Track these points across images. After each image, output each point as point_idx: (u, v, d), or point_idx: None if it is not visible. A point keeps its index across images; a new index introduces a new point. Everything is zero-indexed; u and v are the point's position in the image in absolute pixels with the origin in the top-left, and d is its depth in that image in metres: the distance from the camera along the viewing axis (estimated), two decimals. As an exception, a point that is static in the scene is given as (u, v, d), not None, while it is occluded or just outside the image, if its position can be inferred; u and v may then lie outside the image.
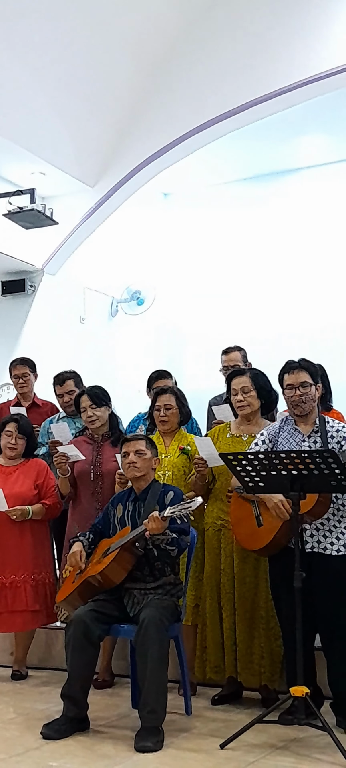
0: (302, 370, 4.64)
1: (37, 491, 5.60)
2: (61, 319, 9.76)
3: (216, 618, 4.96)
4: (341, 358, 8.41)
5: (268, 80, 7.95)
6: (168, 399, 5.33)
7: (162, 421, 5.31)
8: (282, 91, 7.90)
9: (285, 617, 4.54)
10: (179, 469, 5.20)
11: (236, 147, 9.46)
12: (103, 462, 5.46)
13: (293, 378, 4.63)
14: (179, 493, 4.79)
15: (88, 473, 5.46)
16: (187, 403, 5.42)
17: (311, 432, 4.62)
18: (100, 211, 9.07)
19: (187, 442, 5.28)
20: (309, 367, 4.68)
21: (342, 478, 4.14)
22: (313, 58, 7.79)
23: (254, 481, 4.32)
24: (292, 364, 4.70)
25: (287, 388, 4.65)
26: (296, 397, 4.61)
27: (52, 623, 5.71)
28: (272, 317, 10.06)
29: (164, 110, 8.60)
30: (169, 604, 4.60)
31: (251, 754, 4.05)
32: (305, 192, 10.25)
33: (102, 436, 5.56)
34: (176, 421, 5.35)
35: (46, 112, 8.14)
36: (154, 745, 4.14)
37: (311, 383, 4.62)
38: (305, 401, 4.60)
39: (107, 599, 4.63)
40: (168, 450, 5.28)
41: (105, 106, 8.59)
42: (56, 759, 4.09)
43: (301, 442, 4.59)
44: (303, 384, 4.60)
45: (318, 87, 7.83)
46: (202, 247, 10.73)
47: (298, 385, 4.61)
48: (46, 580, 5.58)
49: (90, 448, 5.52)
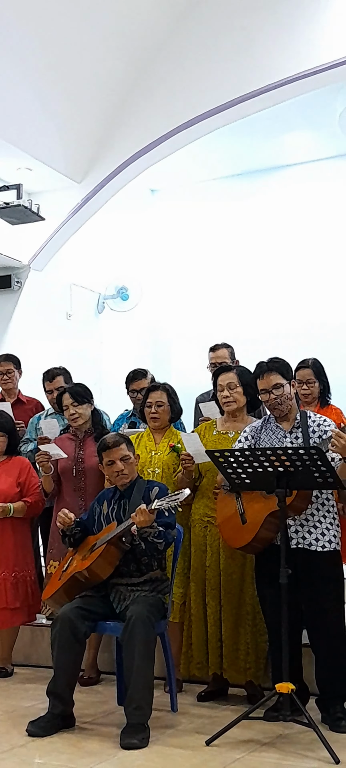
0: (272, 372, 4.61)
1: (19, 489, 5.58)
2: (47, 316, 9.73)
3: (201, 614, 4.96)
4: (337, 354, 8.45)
5: (255, 77, 7.95)
6: (160, 396, 5.32)
7: (153, 418, 5.30)
8: (269, 88, 7.90)
9: (270, 614, 4.55)
10: (169, 467, 5.20)
11: (223, 143, 9.46)
12: (85, 458, 5.47)
13: (265, 382, 4.62)
14: (164, 488, 4.80)
15: (70, 469, 5.47)
16: (178, 401, 5.42)
17: (292, 428, 4.62)
18: (87, 207, 9.04)
19: (177, 439, 5.27)
20: (280, 367, 4.64)
21: (328, 474, 4.15)
22: (300, 56, 7.79)
23: (240, 478, 4.33)
24: (262, 367, 4.68)
25: (262, 393, 4.66)
26: (271, 400, 4.61)
27: (32, 621, 5.69)
28: (260, 315, 10.06)
29: (151, 106, 8.58)
30: (156, 601, 4.61)
31: (237, 751, 4.06)
32: (292, 189, 10.26)
33: (85, 432, 5.56)
34: (167, 418, 5.35)
35: (32, 108, 8.11)
36: (140, 742, 4.14)
37: (283, 383, 4.60)
38: (281, 402, 4.60)
39: (93, 596, 4.63)
40: (158, 447, 5.27)
41: (92, 102, 8.57)
42: (42, 756, 4.08)
43: (283, 438, 4.60)
44: (276, 386, 4.58)
45: (305, 84, 7.84)
46: (189, 244, 10.72)
47: (271, 389, 4.59)
48: (27, 578, 5.56)
49: (73, 444, 5.54)
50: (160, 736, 4.29)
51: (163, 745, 4.19)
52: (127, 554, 4.61)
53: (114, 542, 4.57)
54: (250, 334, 9.20)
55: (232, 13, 8.18)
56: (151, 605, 4.51)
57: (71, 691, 4.46)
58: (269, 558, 4.46)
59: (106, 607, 4.64)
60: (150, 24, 8.28)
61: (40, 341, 9.22)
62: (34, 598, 5.54)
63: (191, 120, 8.30)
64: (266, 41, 7.98)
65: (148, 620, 4.38)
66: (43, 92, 8.10)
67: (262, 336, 9.48)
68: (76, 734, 4.38)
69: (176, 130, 8.39)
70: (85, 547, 4.78)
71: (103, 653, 5.53)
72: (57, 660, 4.44)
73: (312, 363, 5.66)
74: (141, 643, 4.29)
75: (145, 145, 8.56)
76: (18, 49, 7.60)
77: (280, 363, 4.68)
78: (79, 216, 9.11)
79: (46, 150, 8.51)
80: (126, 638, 4.34)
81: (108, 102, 8.64)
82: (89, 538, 4.81)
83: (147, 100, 8.60)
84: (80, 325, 10.27)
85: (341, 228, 9.90)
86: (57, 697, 4.42)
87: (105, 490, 4.99)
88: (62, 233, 9.22)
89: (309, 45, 7.79)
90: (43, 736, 4.30)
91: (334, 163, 10.05)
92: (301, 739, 4.19)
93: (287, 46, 7.88)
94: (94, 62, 8.24)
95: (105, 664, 5.53)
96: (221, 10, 8.22)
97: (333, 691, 4.45)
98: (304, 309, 9.89)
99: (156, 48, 8.48)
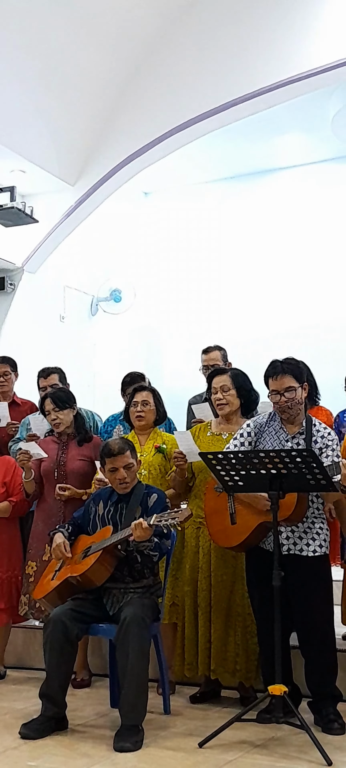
0: (286, 375, 4.51)
1: (4, 489, 5.58)
2: (41, 318, 9.72)
3: (192, 616, 4.96)
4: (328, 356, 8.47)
5: (248, 80, 7.96)
6: (146, 396, 5.35)
7: (138, 417, 5.31)
8: (262, 91, 7.91)
9: (260, 617, 4.55)
10: (155, 468, 5.21)
11: (216, 146, 9.48)
12: (67, 461, 5.48)
13: (278, 384, 4.52)
14: (162, 495, 4.79)
15: (52, 472, 5.47)
16: (163, 404, 5.45)
17: (296, 433, 4.57)
18: (81, 209, 9.04)
19: (162, 440, 5.29)
20: (294, 370, 4.54)
21: (320, 477, 4.15)
22: (293, 59, 7.80)
23: (233, 480, 4.32)
24: (276, 367, 4.56)
25: (272, 394, 4.55)
26: (282, 403, 4.52)
27: (18, 623, 5.68)
28: (252, 317, 10.08)
29: (145, 109, 8.59)
30: (150, 603, 4.61)
31: (230, 753, 4.06)
32: (285, 192, 10.28)
33: (67, 436, 5.57)
34: (152, 419, 5.36)
35: (26, 110, 8.10)
36: (134, 745, 4.14)
37: (296, 387, 4.52)
38: (292, 407, 4.52)
39: (86, 598, 4.63)
40: (144, 449, 5.28)
41: (86, 105, 8.57)
42: (35, 758, 4.08)
43: (284, 441, 4.56)
44: (288, 389, 4.50)
45: (298, 87, 7.85)
46: (182, 247, 10.73)
47: (283, 391, 4.51)
48: (12, 579, 5.54)
49: (56, 447, 5.55)
50: (153, 738, 4.29)
51: (156, 747, 4.19)
52: (121, 560, 4.61)
53: (110, 550, 4.57)
54: (242, 337, 9.23)
55: (225, 17, 8.20)
56: (146, 606, 4.51)
57: (64, 694, 4.46)
58: (260, 561, 4.47)
59: (98, 610, 4.64)
60: (143, 27, 8.29)
61: (34, 344, 9.20)
62: (19, 600, 5.51)
63: (185, 123, 8.31)
64: (259, 45, 8.00)
65: (143, 621, 4.38)
66: (36, 95, 8.10)
67: (254, 338, 9.50)
68: (69, 736, 4.38)
69: (169, 133, 8.40)
70: (79, 547, 4.77)
71: (95, 656, 5.53)
72: (49, 662, 4.43)
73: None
74: (135, 644, 4.29)
75: (138, 148, 8.57)
76: (11, 52, 7.60)
77: (294, 365, 4.58)
78: (73, 218, 9.11)
79: (39, 152, 8.51)
80: (120, 639, 4.33)
81: (101, 105, 8.64)
82: (83, 538, 4.80)
83: (140, 103, 8.60)
84: (73, 328, 10.26)
85: (334, 231, 9.93)
86: (50, 699, 4.42)
87: (101, 490, 4.97)
88: (56, 235, 9.22)
89: (302, 49, 7.81)
90: (36, 739, 4.29)
91: (327, 167, 10.08)
92: (293, 741, 4.20)
93: (279, 49, 7.89)
94: (88, 65, 8.24)
95: (96, 667, 5.52)
96: (214, 14, 8.24)
97: (325, 693, 4.46)
98: (296, 311, 9.91)
99: (149, 51, 8.49)
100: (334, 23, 7.72)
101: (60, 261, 9.64)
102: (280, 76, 7.80)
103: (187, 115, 8.29)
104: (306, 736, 4.01)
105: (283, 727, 4.19)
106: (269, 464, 4.15)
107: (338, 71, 7.65)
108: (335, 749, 4.05)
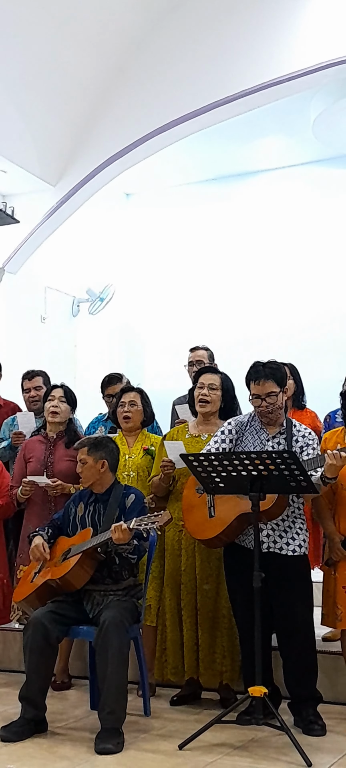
0: (268, 380, 4.51)
1: (-9, 492, 5.55)
2: (21, 319, 9.69)
3: (176, 619, 4.94)
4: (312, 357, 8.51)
5: (229, 83, 7.99)
6: (133, 396, 5.34)
7: (125, 417, 5.29)
8: (244, 94, 7.95)
9: (241, 618, 4.55)
10: (144, 470, 5.20)
11: (198, 148, 9.50)
12: (55, 462, 5.45)
13: (259, 389, 4.52)
14: (140, 495, 4.79)
15: (40, 473, 5.43)
16: (151, 405, 5.43)
17: (277, 433, 4.59)
18: (62, 210, 9.03)
19: (150, 442, 5.28)
20: (275, 374, 4.55)
21: (301, 478, 4.17)
22: (274, 62, 7.84)
23: (214, 482, 4.33)
24: (259, 372, 4.55)
25: (254, 398, 4.56)
26: (263, 407, 4.54)
27: (4, 624, 5.66)
28: (233, 318, 10.11)
29: (126, 110, 8.60)
30: (130, 606, 4.60)
31: (210, 755, 4.06)
32: (266, 194, 10.33)
33: (57, 434, 5.54)
34: (140, 419, 5.35)
35: (7, 110, 8.08)
36: (115, 746, 4.13)
37: (277, 392, 4.53)
38: (272, 411, 4.54)
39: (66, 600, 4.62)
40: (132, 450, 5.27)
41: (67, 105, 8.56)
42: (14, 761, 4.05)
43: (265, 442, 4.57)
44: (270, 395, 4.51)
45: (279, 90, 7.89)
46: (163, 248, 10.75)
47: (264, 396, 4.51)
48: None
49: (42, 447, 5.51)
50: (133, 741, 4.28)
51: (136, 750, 4.18)
52: (100, 562, 4.60)
53: (89, 553, 4.56)
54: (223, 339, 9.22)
55: (206, 19, 8.22)
56: (125, 609, 4.50)
57: (44, 696, 4.44)
58: (239, 559, 4.47)
59: (79, 612, 4.63)
60: (125, 29, 8.30)
61: (15, 344, 9.18)
62: (5, 602, 5.48)
63: (166, 124, 8.33)
64: (241, 47, 8.03)
65: (122, 625, 4.37)
66: (18, 96, 8.08)
67: (235, 340, 9.52)
68: (48, 739, 4.36)
69: (150, 134, 8.41)
70: (58, 549, 4.76)
71: (75, 658, 5.51)
72: (29, 664, 4.41)
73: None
74: (115, 648, 4.28)
75: (120, 149, 8.58)
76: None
77: (275, 369, 4.58)
78: (54, 219, 9.10)
79: (20, 152, 8.49)
80: (99, 643, 4.32)
81: (83, 105, 8.64)
82: (63, 540, 4.79)
83: (122, 104, 8.61)
84: (55, 328, 10.24)
85: (316, 233, 9.97)
86: (29, 701, 4.40)
87: (81, 491, 4.96)
88: (37, 236, 9.20)
89: (283, 52, 7.85)
90: (16, 741, 4.27)
91: (307, 169, 10.14)
92: (273, 742, 4.20)
93: (261, 52, 7.93)
94: (70, 66, 8.23)
95: (76, 670, 5.51)
96: (196, 16, 8.27)
97: (305, 695, 4.47)
98: (278, 313, 9.95)
99: (131, 52, 8.50)
100: (315, 27, 7.77)
101: (41, 262, 9.62)
102: (261, 79, 7.85)
103: (168, 117, 8.31)
104: (286, 738, 4.02)
105: (263, 728, 4.20)
106: (249, 466, 4.16)
107: (318, 74, 7.71)
108: (315, 750, 4.06)
